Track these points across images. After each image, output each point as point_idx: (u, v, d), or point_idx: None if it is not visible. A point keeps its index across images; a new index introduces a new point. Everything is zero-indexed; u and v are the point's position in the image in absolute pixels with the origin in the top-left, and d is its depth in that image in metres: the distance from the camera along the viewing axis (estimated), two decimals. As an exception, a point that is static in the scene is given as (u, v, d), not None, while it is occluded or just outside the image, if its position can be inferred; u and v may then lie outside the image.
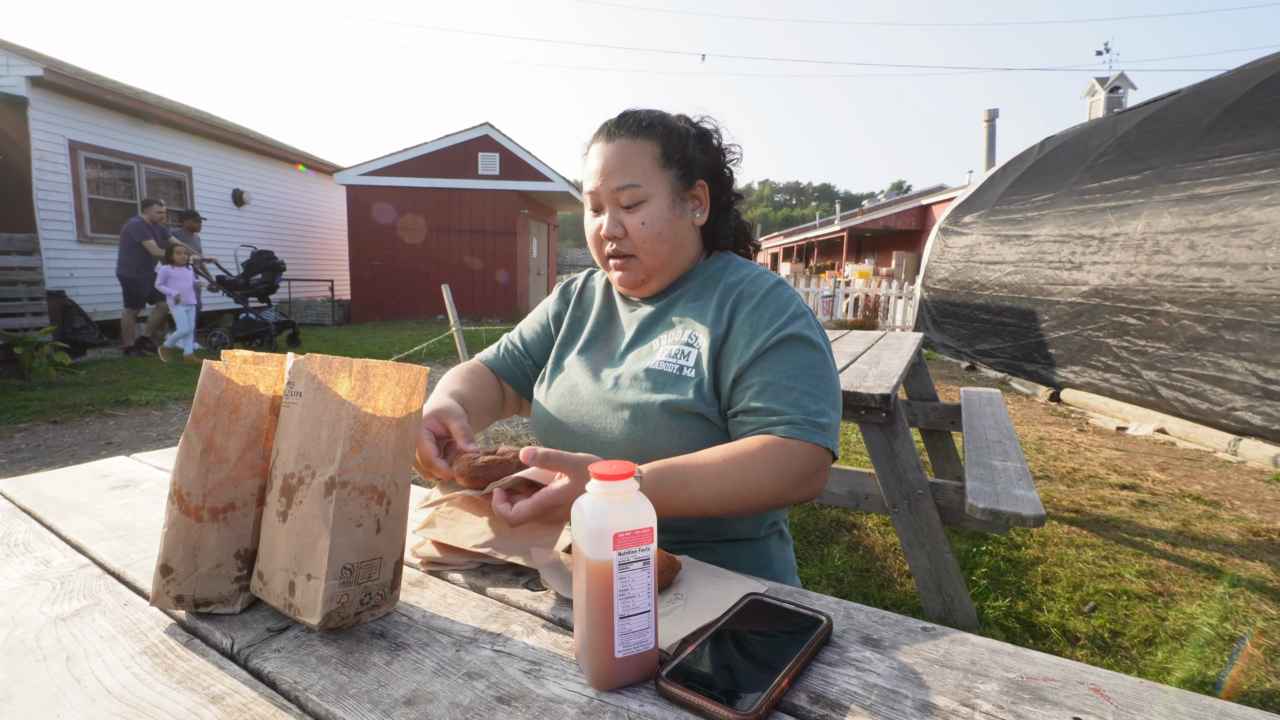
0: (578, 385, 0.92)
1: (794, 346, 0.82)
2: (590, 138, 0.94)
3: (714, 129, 0.97)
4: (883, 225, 18.13)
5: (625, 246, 0.89)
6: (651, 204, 0.88)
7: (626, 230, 0.88)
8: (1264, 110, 4.34)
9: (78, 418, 4.27)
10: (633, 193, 0.87)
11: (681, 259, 0.93)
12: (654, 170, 0.88)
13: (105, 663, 0.50)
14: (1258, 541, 2.53)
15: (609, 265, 0.93)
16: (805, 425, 0.76)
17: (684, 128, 0.93)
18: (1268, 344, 3.55)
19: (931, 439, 3.10)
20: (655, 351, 0.89)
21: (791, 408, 0.77)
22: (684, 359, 0.85)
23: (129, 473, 1.00)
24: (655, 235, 0.88)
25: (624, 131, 0.89)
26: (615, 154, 0.88)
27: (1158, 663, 1.70)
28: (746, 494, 0.73)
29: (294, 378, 0.56)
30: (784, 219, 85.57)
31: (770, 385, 0.79)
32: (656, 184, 0.88)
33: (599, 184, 0.89)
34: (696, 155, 0.93)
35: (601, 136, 0.91)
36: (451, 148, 11.99)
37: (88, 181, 7.76)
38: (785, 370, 0.80)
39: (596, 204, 0.91)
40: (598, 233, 0.91)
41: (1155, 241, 4.52)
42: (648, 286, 0.93)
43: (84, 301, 7.46)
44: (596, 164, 0.89)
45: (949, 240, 7.56)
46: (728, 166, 0.98)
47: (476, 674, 0.49)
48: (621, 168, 0.87)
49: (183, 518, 0.57)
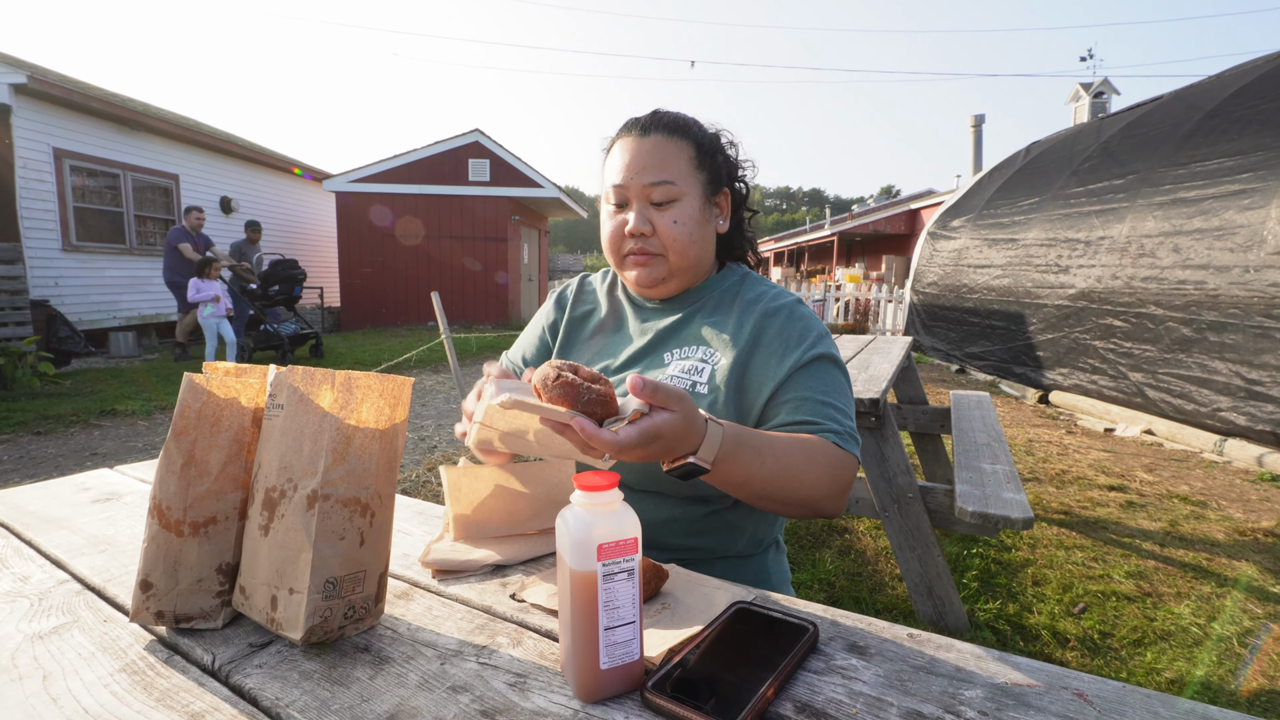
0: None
1: (825, 366, 0.83)
2: (616, 133, 0.92)
3: (730, 140, 0.97)
4: (872, 229, 18.25)
5: (652, 245, 0.87)
6: (684, 203, 0.86)
7: (655, 228, 0.86)
8: (1244, 115, 4.41)
9: (62, 428, 4.22)
10: (667, 190, 0.85)
11: (704, 264, 0.92)
12: (689, 170, 0.87)
13: (83, 681, 0.49)
14: (1244, 541, 2.55)
15: (628, 262, 0.89)
16: (846, 437, 0.78)
17: (714, 134, 0.93)
18: (1251, 345, 3.60)
19: (921, 442, 3.11)
20: (667, 366, 0.87)
21: (830, 420, 0.79)
22: (697, 375, 0.84)
23: (111, 485, 0.98)
24: (686, 236, 0.87)
25: (659, 128, 0.87)
26: (651, 149, 0.86)
27: (1146, 663, 1.71)
28: (805, 482, 0.71)
29: (276, 390, 0.56)
30: (774, 223, 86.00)
31: (808, 400, 0.80)
32: (690, 184, 0.87)
33: (629, 178, 0.86)
34: (722, 164, 0.92)
35: (634, 131, 0.88)
36: (442, 154, 11.97)
37: (73, 189, 7.68)
38: (819, 387, 0.81)
39: (623, 199, 0.88)
40: (621, 228, 0.88)
41: (1140, 245, 4.58)
42: (666, 287, 0.91)
43: (69, 311, 7.37)
44: (626, 158, 0.86)
45: (938, 244, 7.63)
46: (743, 180, 0.98)
47: (461, 687, 0.48)
48: (658, 164, 0.85)
49: (163, 532, 0.56)
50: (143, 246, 8.62)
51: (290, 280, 7.22)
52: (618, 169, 0.87)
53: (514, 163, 12.05)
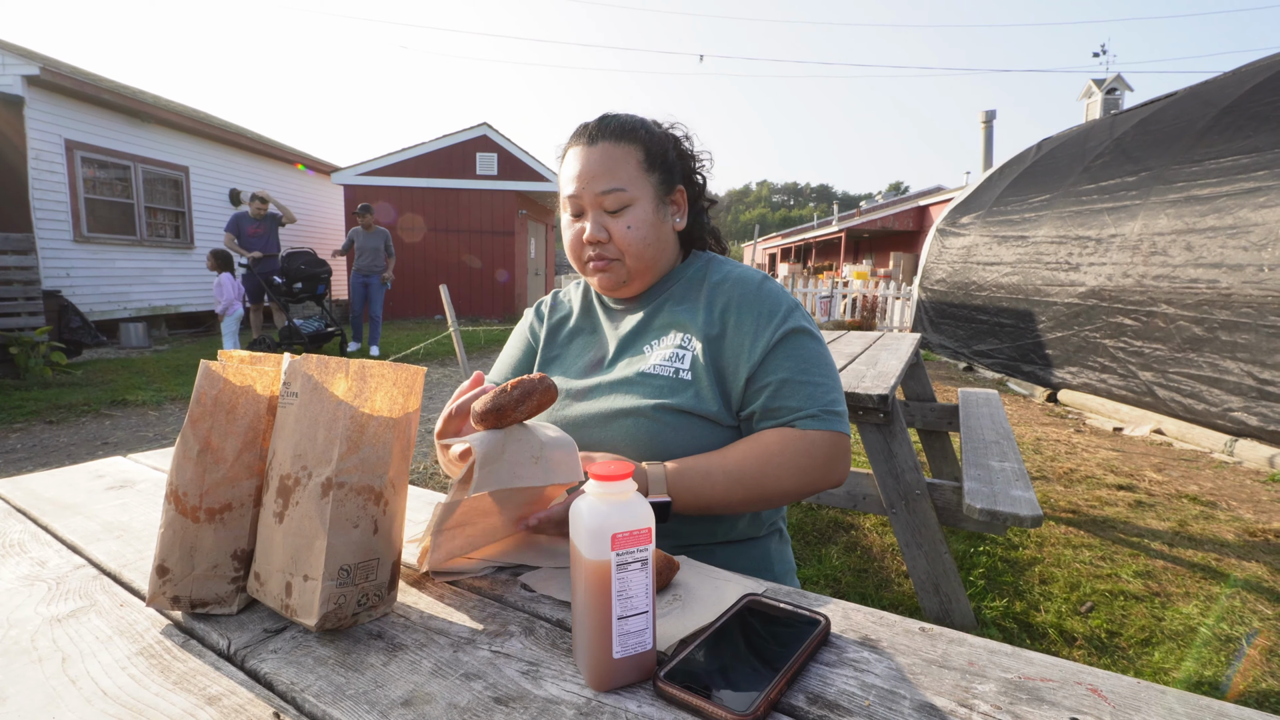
0: (565, 403, 0.90)
1: (798, 340, 0.85)
2: (567, 141, 0.93)
3: (685, 134, 0.98)
4: (880, 226, 18.15)
5: (609, 251, 0.89)
6: (637, 208, 0.87)
7: (611, 235, 0.88)
8: (1260, 112, 4.35)
9: (74, 418, 4.26)
10: (618, 196, 0.86)
11: (663, 263, 0.94)
12: (638, 174, 0.88)
13: (101, 664, 0.50)
14: (1254, 542, 2.54)
15: (588, 269, 0.92)
16: (822, 416, 0.80)
17: (663, 133, 0.94)
18: (1264, 345, 3.57)
19: (929, 439, 3.10)
20: (648, 356, 0.88)
21: (808, 402, 0.81)
22: (679, 361, 0.86)
23: (125, 473, 0.99)
24: (641, 239, 0.88)
25: (606, 135, 0.88)
26: (599, 158, 0.87)
27: (1154, 663, 1.70)
28: (768, 483, 0.76)
29: (290, 378, 0.56)
30: (782, 219, 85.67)
31: (786, 383, 0.82)
32: (641, 188, 0.88)
33: (581, 188, 0.87)
34: (675, 161, 0.93)
35: (581, 140, 0.89)
36: (450, 148, 11.98)
37: (84, 181, 7.73)
38: (795, 366, 0.83)
39: (578, 208, 0.90)
40: (579, 237, 0.90)
41: (1152, 243, 4.53)
42: (629, 288, 0.93)
43: (80, 301, 7.43)
44: (577, 167, 0.88)
45: (946, 241, 7.58)
46: (699, 172, 0.99)
47: (474, 675, 0.49)
48: (606, 171, 0.86)
49: (179, 518, 0.57)
50: (153, 238, 8.67)
51: (313, 278, 6.98)
52: (570, 179, 0.89)
53: (522, 156, 12.04)
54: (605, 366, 0.92)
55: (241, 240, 6.72)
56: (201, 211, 9.56)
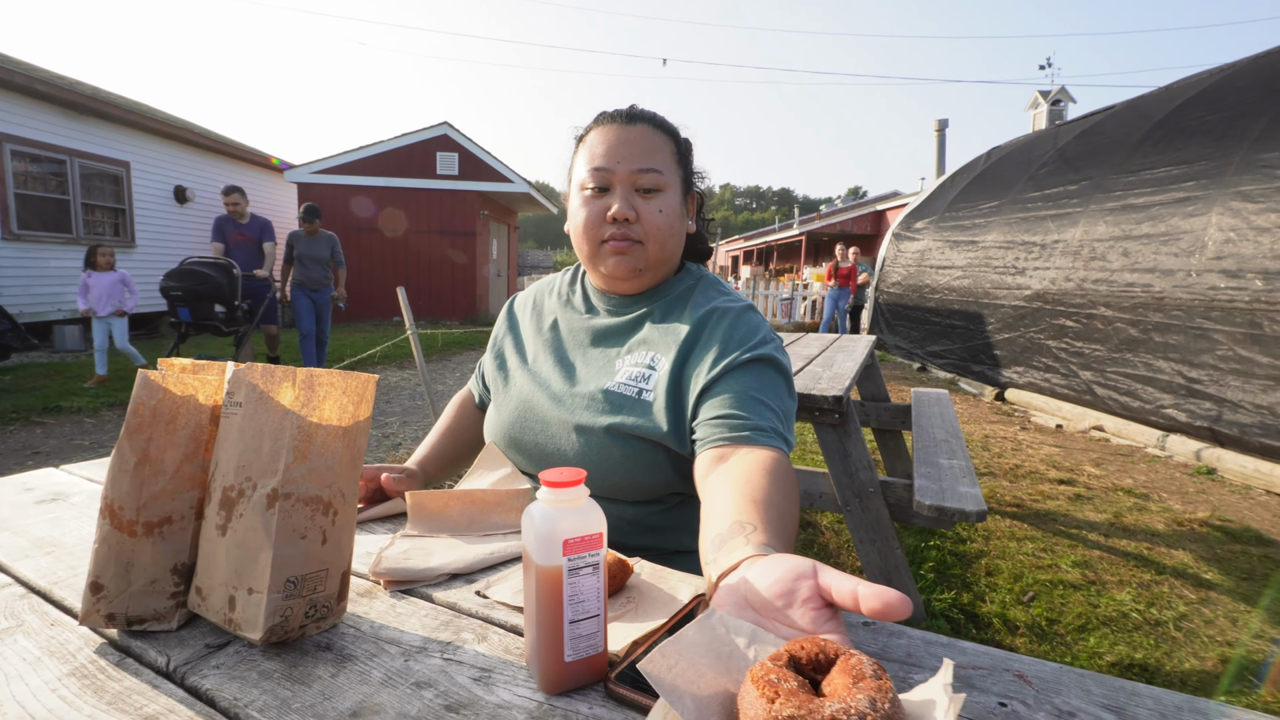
0: (533, 403, 0.89)
1: (764, 367, 0.80)
2: (592, 122, 0.90)
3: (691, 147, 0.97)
4: (839, 229, 18.58)
5: (635, 231, 0.84)
6: (668, 195, 0.85)
7: (640, 215, 0.83)
8: (1189, 126, 4.63)
9: (1, 426, 4.02)
10: (655, 178, 0.84)
11: (674, 262, 0.92)
12: (672, 164, 0.87)
13: (29, 686, 0.48)
14: (1181, 531, 2.69)
15: (605, 250, 0.85)
16: (771, 433, 0.74)
17: (686, 137, 0.93)
18: (1192, 345, 3.79)
19: (884, 438, 3.19)
20: (616, 373, 0.86)
21: (756, 415, 0.75)
22: (644, 382, 0.83)
23: (57, 485, 0.95)
24: (668, 226, 0.85)
25: (644, 119, 0.86)
26: (639, 137, 0.84)
27: (1089, 648, 1.80)
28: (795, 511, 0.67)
29: (234, 388, 0.55)
30: (744, 222, 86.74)
31: (738, 394, 0.76)
32: (673, 178, 0.87)
33: (615, 162, 0.83)
34: (691, 166, 0.93)
35: (618, 119, 0.86)
36: (409, 146, 11.76)
37: (14, 175, 7.30)
38: (752, 384, 0.78)
39: (605, 183, 0.84)
40: (600, 213, 0.84)
41: (1092, 248, 4.77)
42: (640, 280, 0.89)
43: (8, 302, 7.02)
44: (611, 142, 0.84)
45: (902, 245, 7.81)
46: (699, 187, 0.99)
47: (425, 683, 0.49)
48: (646, 152, 0.84)
49: (114, 533, 0.55)
50: (90, 236, 8.24)
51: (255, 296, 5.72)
52: (601, 154, 0.84)
53: (483, 157, 11.90)
54: (575, 376, 0.90)
55: (227, 250, 5.63)
56: (143, 209, 9.13)
